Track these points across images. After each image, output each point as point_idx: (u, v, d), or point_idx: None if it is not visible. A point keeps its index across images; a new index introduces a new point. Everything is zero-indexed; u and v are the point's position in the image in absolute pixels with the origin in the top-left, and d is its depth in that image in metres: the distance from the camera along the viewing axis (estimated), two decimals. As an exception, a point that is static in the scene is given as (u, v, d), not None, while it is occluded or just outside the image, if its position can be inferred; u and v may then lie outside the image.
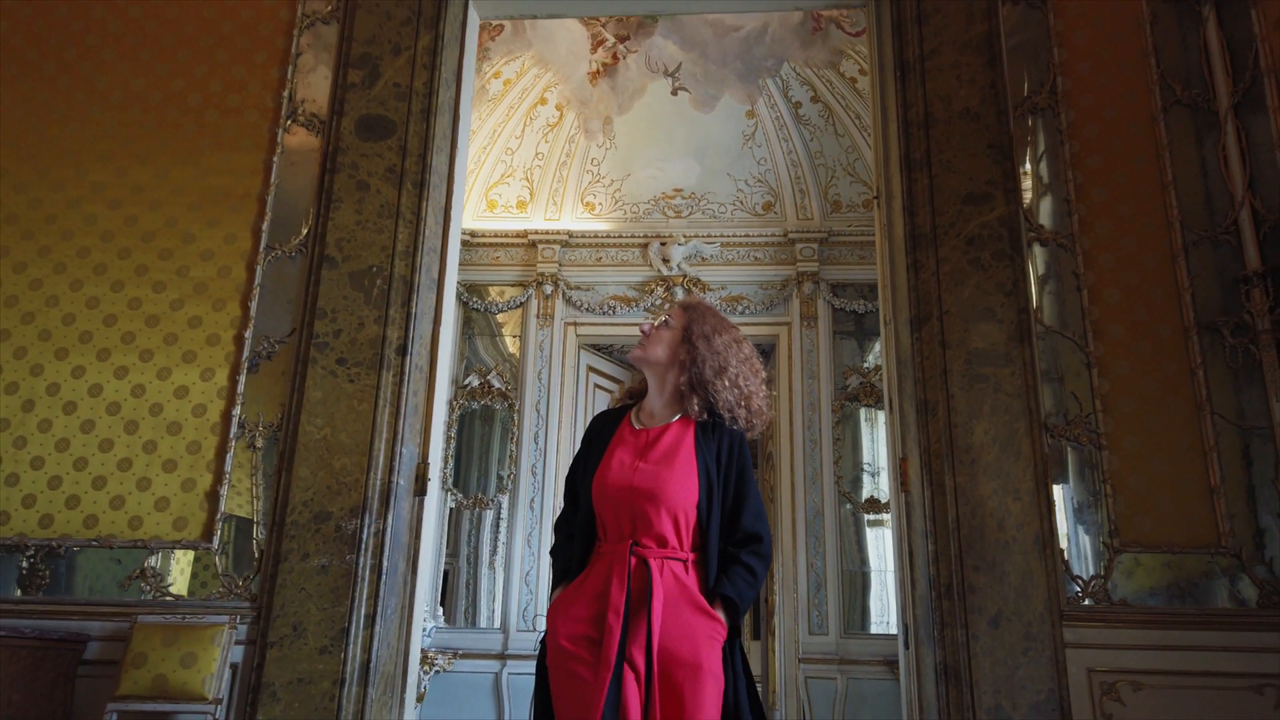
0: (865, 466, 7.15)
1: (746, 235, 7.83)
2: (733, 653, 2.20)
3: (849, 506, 7.07)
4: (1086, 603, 2.86)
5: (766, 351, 8.13)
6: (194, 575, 3.02)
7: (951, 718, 2.75)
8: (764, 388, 2.42)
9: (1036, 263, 3.19)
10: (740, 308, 7.69)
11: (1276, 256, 3.03)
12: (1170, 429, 3.00)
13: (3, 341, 3.24)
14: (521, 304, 7.73)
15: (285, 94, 3.48)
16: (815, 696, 6.69)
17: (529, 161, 7.83)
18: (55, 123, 3.50)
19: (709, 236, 7.84)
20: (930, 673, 2.85)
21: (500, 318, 7.75)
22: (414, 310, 3.22)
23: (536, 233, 7.82)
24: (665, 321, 2.45)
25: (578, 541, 2.33)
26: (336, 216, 3.29)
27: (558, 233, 7.83)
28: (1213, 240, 3.16)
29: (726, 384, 2.36)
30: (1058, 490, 2.97)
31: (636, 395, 2.53)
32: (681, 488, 2.26)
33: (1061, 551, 2.90)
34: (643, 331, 2.45)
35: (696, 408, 2.36)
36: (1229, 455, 2.98)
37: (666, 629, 2.13)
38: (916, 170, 3.25)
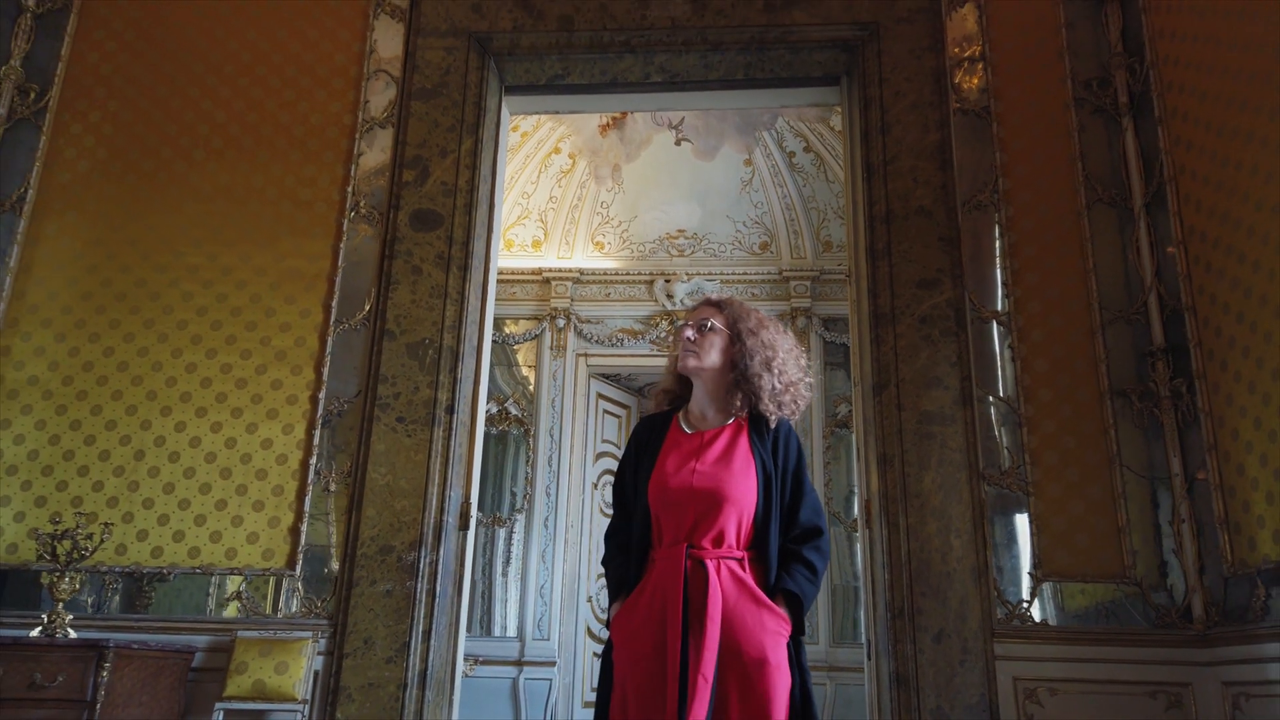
0: (855, 489, 7.75)
1: (744, 273, 8.46)
2: (797, 650, 2.23)
3: (840, 526, 7.68)
4: (1014, 623, 3.48)
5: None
6: (280, 597, 3.65)
7: (901, 718, 3.38)
8: (805, 375, 2.48)
9: (979, 338, 3.81)
10: (739, 340, 8.29)
11: (1176, 335, 3.64)
12: (1087, 479, 3.61)
13: (116, 401, 3.88)
14: (536, 336, 8.36)
15: (349, 189, 4.11)
16: (806, 701, 7.29)
17: (543, 204, 8.47)
18: (155, 213, 4.13)
19: (710, 274, 8.48)
20: (885, 680, 3.48)
21: (517, 349, 8.39)
22: (459, 375, 3.86)
23: (550, 270, 8.46)
24: (709, 325, 2.46)
25: (634, 550, 2.34)
26: (394, 296, 3.93)
27: (570, 270, 8.47)
28: (1126, 319, 3.78)
29: (775, 374, 2.39)
30: (992, 529, 3.59)
31: (674, 396, 2.56)
32: (741, 488, 2.28)
33: (994, 580, 3.52)
34: (687, 339, 2.44)
35: (739, 402, 2.42)
36: (1137, 502, 3.59)
37: (732, 627, 2.14)
38: (879, 258, 3.88)
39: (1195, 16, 3.55)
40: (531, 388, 8.27)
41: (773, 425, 2.41)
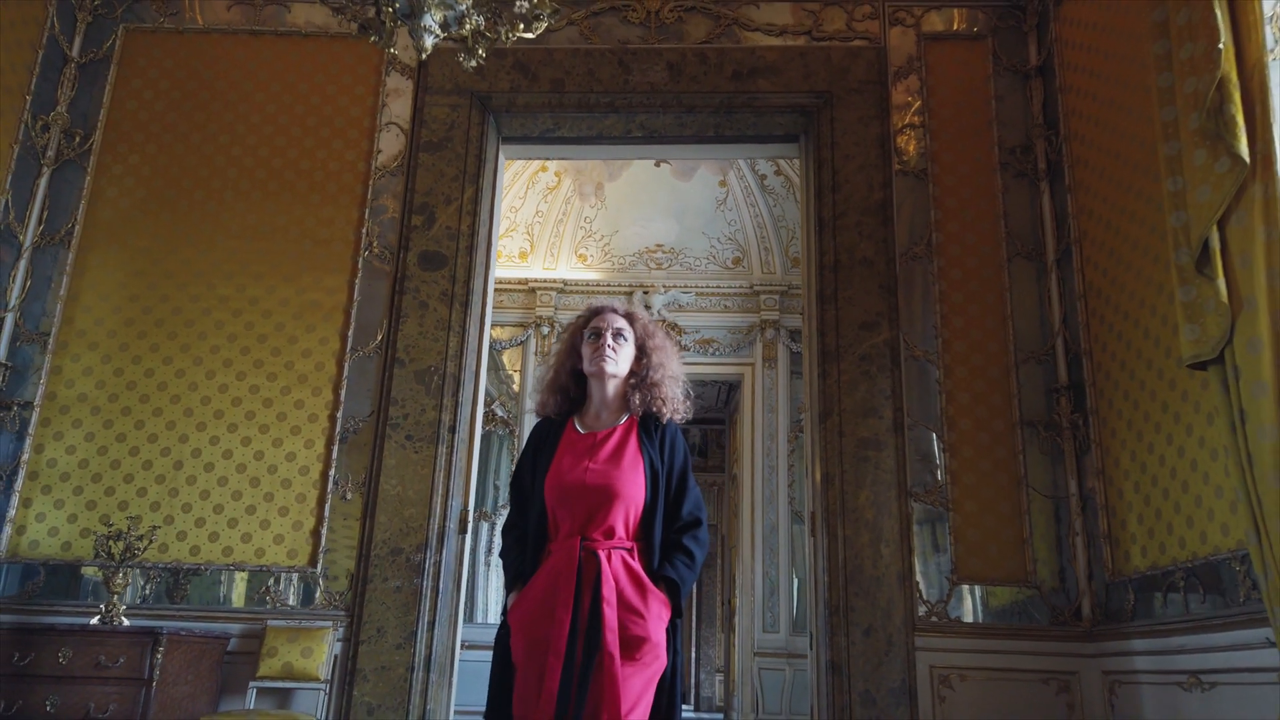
0: (815, 490, 8.35)
1: (718, 286, 9.05)
2: (674, 633, 2.43)
3: (800, 524, 8.30)
4: (932, 619, 4.09)
5: (734, 386, 9.37)
6: (303, 591, 4.20)
7: (835, 699, 3.99)
8: (687, 394, 2.75)
9: (911, 374, 4.41)
10: (711, 349, 8.91)
11: (1076, 375, 4.26)
12: (999, 497, 4.23)
13: (157, 416, 4.41)
14: (522, 342, 8.90)
15: (364, 230, 4.64)
16: (767, 685, 7.94)
17: (530, 219, 9.00)
18: (189, 247, 4.65)
19: (685, 286, 9.06)
20: (823, 667, 4.09)
21: (503, 354, 8.92)
22: (460, 399, 4.42)
23: (536, 280, 9.00)
24: (620, 333, 2.69)
25: (530, 543, 2.50)
26: (404, 328, 4.47)
27: (554, 281, 9.01)
28: (1038, 359, 4.39)
29: (675, 384, 2.69)
30: (916, 539, 4.20)
31: (569, 396, 2.74)
32: (630, 484, 2.47)
33: (917, 583, 4.14)
34: (608, 346, 2.65)
35: (638, 402, 2.63)
36: (1043, 516, 4.20)
37: (618, 607, 2.33)
38: (827, 303, 4.47)
39: (1095, 103, 4.15)
40: (516, 389, 8.81)
41: (663, 423, 2.65)
